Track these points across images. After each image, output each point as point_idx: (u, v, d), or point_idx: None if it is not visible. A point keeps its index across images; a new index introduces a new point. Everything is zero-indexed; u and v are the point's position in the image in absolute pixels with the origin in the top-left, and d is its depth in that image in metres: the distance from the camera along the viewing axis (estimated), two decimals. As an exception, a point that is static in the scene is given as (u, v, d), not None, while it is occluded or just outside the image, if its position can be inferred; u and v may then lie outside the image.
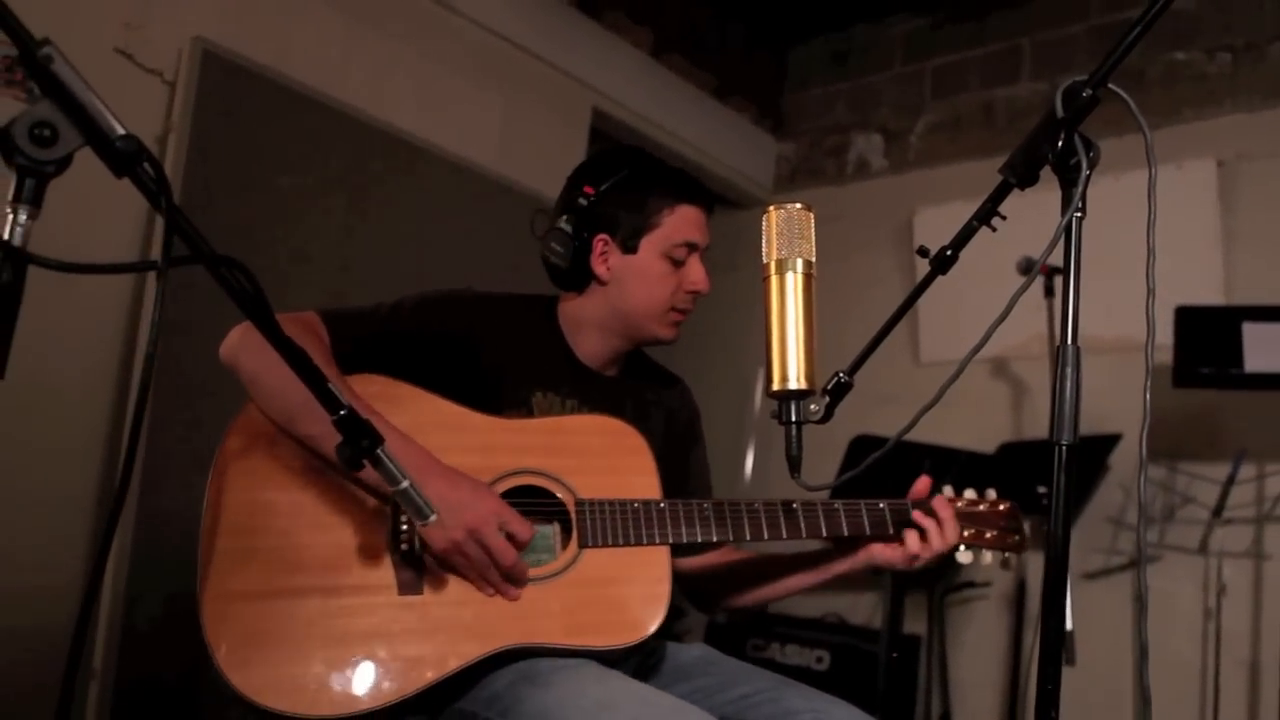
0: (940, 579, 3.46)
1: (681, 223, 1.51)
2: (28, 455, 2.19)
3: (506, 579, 1.27)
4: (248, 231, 2.53)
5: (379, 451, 0.93)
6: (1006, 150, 4.01)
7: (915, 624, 3.46)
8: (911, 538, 1.49)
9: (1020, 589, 3.34)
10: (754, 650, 3.49)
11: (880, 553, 1.50)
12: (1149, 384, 0.88)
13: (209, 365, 1.38)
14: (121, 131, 0.74)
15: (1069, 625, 2.34)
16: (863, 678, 3.27)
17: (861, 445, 2.82)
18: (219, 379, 1.35)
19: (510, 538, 1.26)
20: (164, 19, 2.44)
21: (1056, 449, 0.89)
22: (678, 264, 1.51)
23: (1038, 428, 3.51)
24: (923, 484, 1.55)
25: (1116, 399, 3.11)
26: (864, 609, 3.74)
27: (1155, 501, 3.19)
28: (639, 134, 3.79)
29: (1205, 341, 2.69)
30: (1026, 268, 2.73)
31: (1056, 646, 0.86)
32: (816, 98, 4.46)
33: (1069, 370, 0.89)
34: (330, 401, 0.91)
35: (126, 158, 0.73)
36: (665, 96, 3.90)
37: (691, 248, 1.52)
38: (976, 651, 3.54)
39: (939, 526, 1.49)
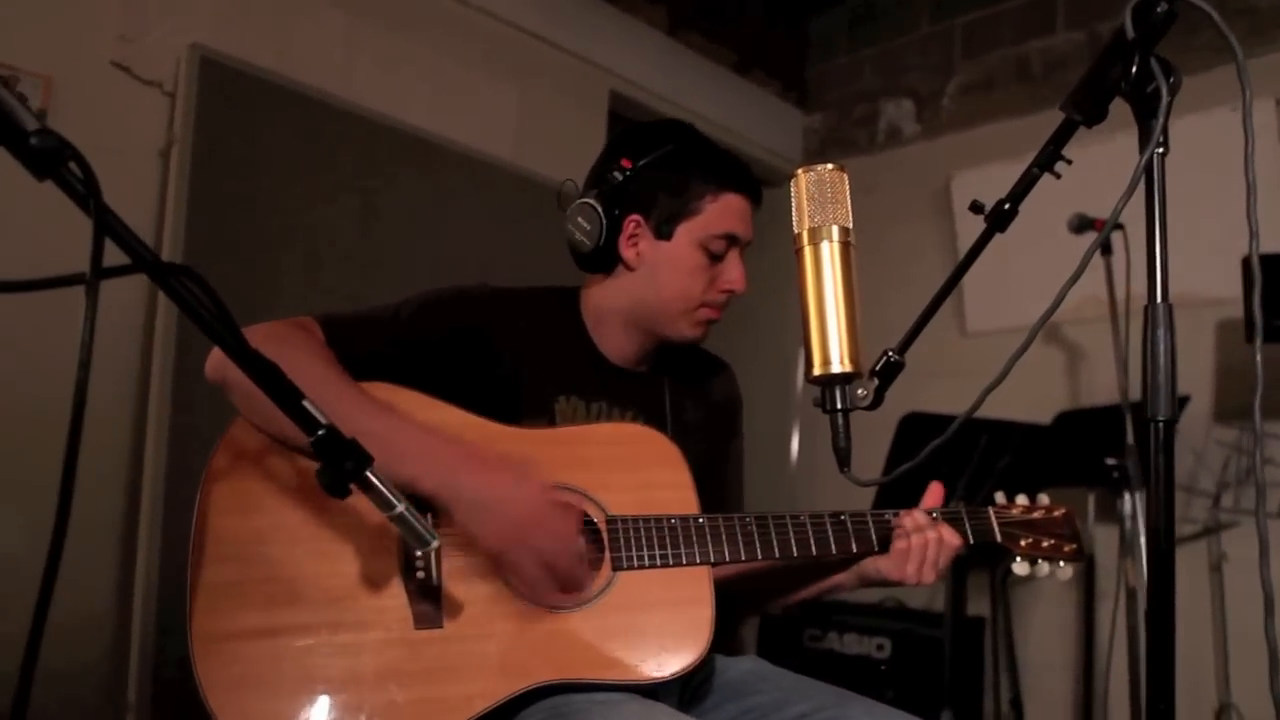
0: (1001, 558, 3.30)
1: (724, 212, 1.36)
2: (50, 481, 2.12)
3: (563, 584, 1.15)
4: (261, 240, 2.46)
5: (367, 474, 0.82)
6: (1044, 106, 3.82)
7: (978, 605, 3.31)
8: (901, 544, 1.32)
9: (1089, 564, 3.18)
10: (811, 641, 3.36)
11: (875, 564, 1.34)
12: (1260, 344, 0.75)
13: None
14: (34, 126, 0.63)
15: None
16: (926, 664, 3.13)
17: (912, 424, 2.68)
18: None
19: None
20: (160, 28, 2.36)
21: (1153, 426, 0.75)
22: (714, 257, 1.37)
23: (1094, 395, 3.34)
24: (935, 493, 1.41)
25: (1181, 357, 2.93)
26: (923, 592, 3.60)
27: (1229, 465, 3.00)
28: (659, 115, 3.65)
29: (1278, 292, 2.50)
30: (1079, 225, 2.57)
31: (1168, 665, 0.73)
32: (842, 66, 4.30)
33: (1162, 333, 0.76)
34: (305, 421, 0.80)
35: (45, 156, 0.62)
36: (685, 75, 3.77)
37: (732, 241, 1.38)
38: (1044, 631, 3.38)
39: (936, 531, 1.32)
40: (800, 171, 0.98)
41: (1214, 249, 2.44)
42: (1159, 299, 0.77)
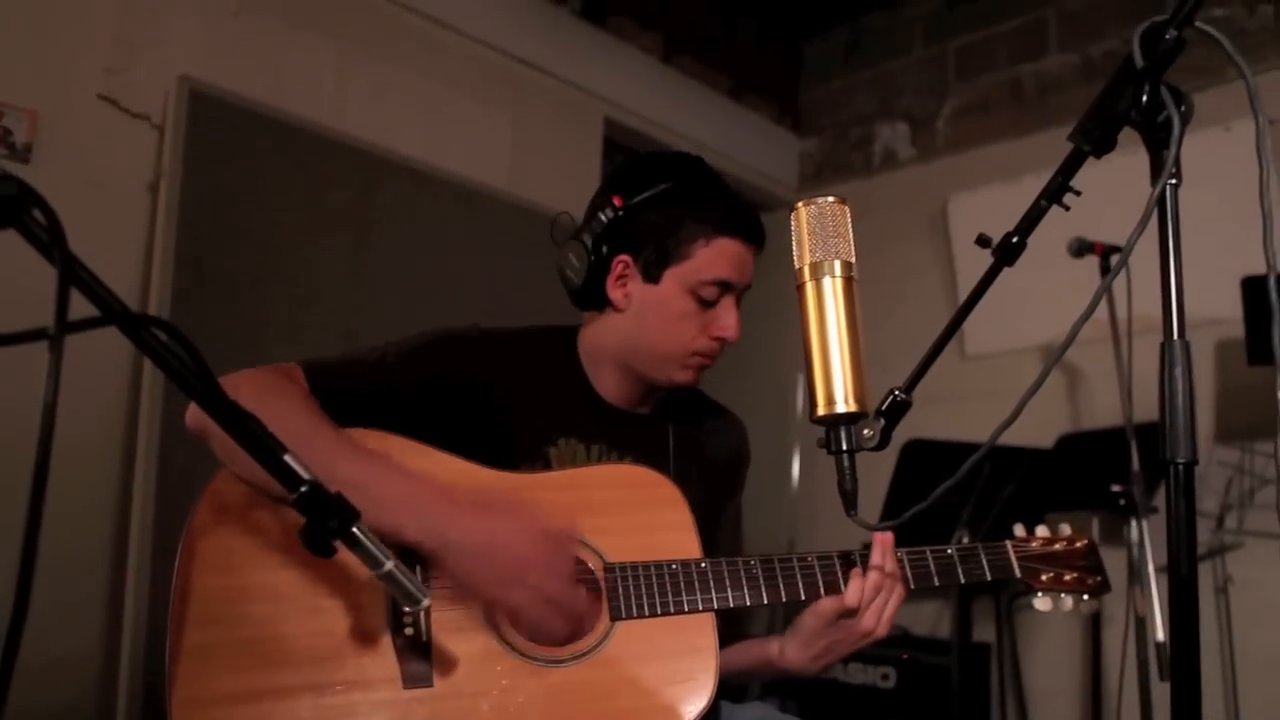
0: (1007, 584, 3.25)
1: (716, 258, 1.29)
2: (40, 537, 2.08)
3: (571, 620, 1.11)
4: (251, 276, 2.43)
5: (354, 530, 0.78)
6: (1038, 128, 3.78)
7: (983, 632, 3.26)
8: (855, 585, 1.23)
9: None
10: (816, 673, 3.31)
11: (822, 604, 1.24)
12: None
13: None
14: (-4, 172, 0.60)
15: (1160, 637, 2.14)
16: (932, 693, 3.08)
17: (915, 452, 2.65)
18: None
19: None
20: (148, 60, 2.34)
21: (1172, 469, 0.72)
22: (706, 303, 1.30)
23: (1095, 416, 3.31)
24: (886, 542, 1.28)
25: (1181, 380, 2.91)
26: (928, 619, 3.55)
27: (1231, 486, 2.97)
28: (654, 141, 3.64)
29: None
30: (1078, 249, 2.55)
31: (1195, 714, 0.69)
32: (836, 90, 4.30)
33: (1179, 371, 0.72)
34: (287, 477, 0.76)
35: (6, 205, 0.59)
36: (679, 100, 3.76)
37: (725, 288, 1.30)
38: (1051, 657, 3.34)
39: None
40: (800, 204, 0.95)
41: (1210, 269, 2.42)
42: (1175, 335, 0.74)
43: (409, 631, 1.10)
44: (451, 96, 3.00)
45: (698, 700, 1.14)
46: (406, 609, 1.10)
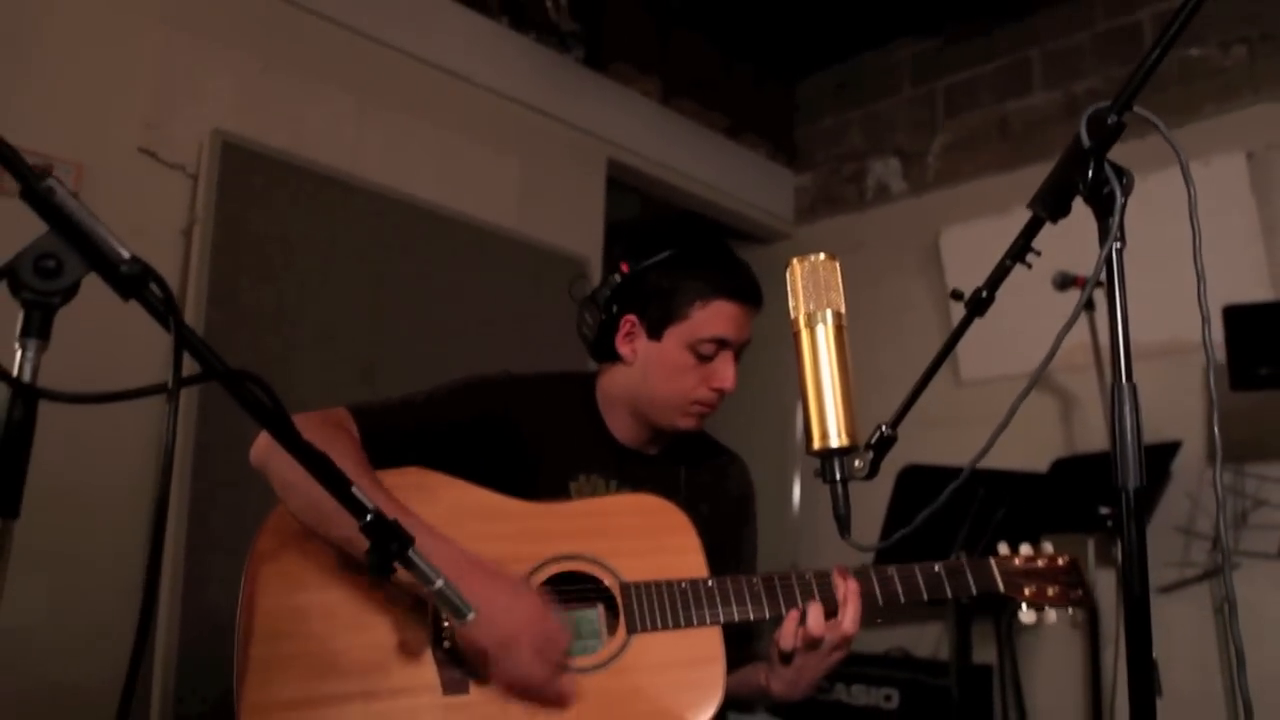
0: (1006, 605, 3.34)
1: (712, 318, 1.42)
2: (72, 552, 2.19)
3: (541, 688, 1.21)
4: (277, 312, 2.56)
5: (409, 553, 0.90)
6: (1025, 163, 3.93)
7: (984, 653, 3.34)
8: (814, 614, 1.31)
9: (1091, 609, 3.22)
10: (819, 693, 3.39)
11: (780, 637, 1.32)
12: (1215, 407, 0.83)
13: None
14: (127, 255, 0.72)
15: (1153, 654, 2.22)
16: (935, 714, 3.16)
17: (911, 477, 2.75)
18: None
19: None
20: (184, 115, 2.49)
21: (1123, 495, 0.83)
22: (704, 358, 1.43)
23: (1089, 441, 3.41)
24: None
25: (1171, 404, 3.01)
26: (929, 641, 3.63)
27: (1225, 506, 3.06)
28: (656, 180, 3.79)
29: (1259, 340, 2.60)
30: (1061, 282, 2.67)
31: None
32: (830, 127, 4.45)
33: (1127, 410, 0.84)
34: (355, 507, 0.88)
35: (132, 281, 0.72)
36: (679, 140, 3.91)
37: (721, 344, 1.43)
38: (1051, 677, 3.41)
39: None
40: (795, 261, 1.07)
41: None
42: (1124, 379, 0.86)
43: (448, 644, 1.23)
44: (462, 142, 3.14)
45: (708, 705, 1.25)
46: (446, 623, 1.22)
